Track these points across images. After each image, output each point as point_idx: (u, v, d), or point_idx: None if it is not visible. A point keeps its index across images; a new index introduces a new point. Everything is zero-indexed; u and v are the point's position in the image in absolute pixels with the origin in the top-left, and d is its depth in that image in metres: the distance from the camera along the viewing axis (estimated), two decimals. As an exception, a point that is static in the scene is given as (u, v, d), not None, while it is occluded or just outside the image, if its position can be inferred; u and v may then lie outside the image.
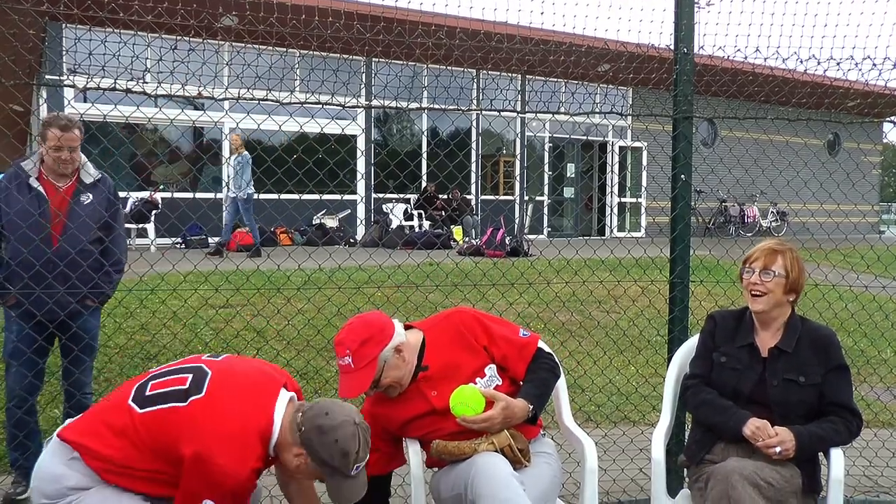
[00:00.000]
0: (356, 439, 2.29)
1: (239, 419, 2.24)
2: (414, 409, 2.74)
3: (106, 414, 2.34)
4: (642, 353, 5.84)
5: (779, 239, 3.01)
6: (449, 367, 2.73)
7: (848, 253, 5.28)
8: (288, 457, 2.31)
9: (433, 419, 2.72)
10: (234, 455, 2.19)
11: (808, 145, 12.84)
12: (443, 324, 2.84)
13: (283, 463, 2.35)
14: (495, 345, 2.79)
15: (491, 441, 2.61)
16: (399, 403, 2.77)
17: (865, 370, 6.17)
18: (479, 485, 2.43)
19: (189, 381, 2.33)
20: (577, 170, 19.17)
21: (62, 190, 3.85)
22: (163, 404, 2.27)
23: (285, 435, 2.30)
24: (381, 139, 17.10)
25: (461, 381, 2.68)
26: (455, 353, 2.76)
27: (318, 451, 2.27)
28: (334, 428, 2.27)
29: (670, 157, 3.86)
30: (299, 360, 5.66)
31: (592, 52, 4.49)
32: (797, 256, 2.89)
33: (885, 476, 4.34)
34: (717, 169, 8.86)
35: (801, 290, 2.89)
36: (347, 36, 3.81)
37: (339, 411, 2.32)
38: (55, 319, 3.75)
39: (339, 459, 2.27)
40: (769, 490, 2.58)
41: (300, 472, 2.35)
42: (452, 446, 2.63)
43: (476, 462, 2.51)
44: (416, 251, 6.19)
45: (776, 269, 2.85)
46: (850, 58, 3.97)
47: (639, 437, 4.61)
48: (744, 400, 2.85)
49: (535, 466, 2.70)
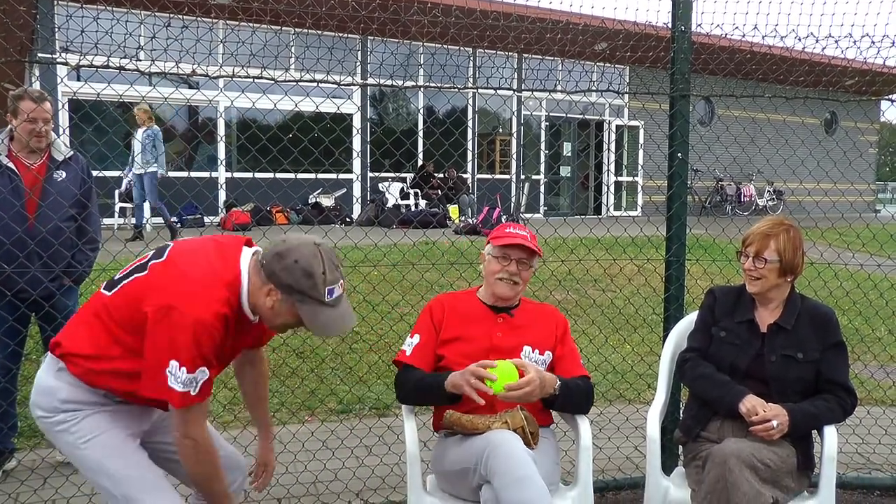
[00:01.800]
0: (318, 259, 2.19)
1: (201, 269, 2.19)
2: (476, 332, 2.89)
3: (82, 312, 2.34)
4: (638, 331, 5.86)
5: (776, 218, 2.98)
6: (524, 326, 2.93)
7: (844, 232, 5.28)
8: (262, 302, 2.23)
9: (479, 354, 2.79)
10: (197, 299, 2.11)
11: (806, 124, 12.82)
12: (539, 304, 3.14)
13: (261, 313, 2.28)
14: (563, 343, 2.98)
15: (505, 420, 2.63)
16: (471, 318, 2.93)
17: (860, 348, 6.20)
18: (496, 462, 2.45)
19: (151, 255, 2.33)
20: (573, 148, 19.12)
21: (34, 168, 3.79)
22: (127, 279, 2.27)
23: (254, 280, 2.23)
24: (377, 118, 17.03)
25: (527, 341, 2.89)
26: (535, 322, 2.97)
27: (281, 277, 2.18)
28: (291, 250, 2.19)
29: (667, 135, 3.85)
30: (295, 338, 5.67)
31: (589, 30, 4.47)
32: (793, 236, 2.87)
33: (877, 453, 4.38)
34: (714, 147, 8.83)
35: (797, 269, 2.89)
36: (342, 13, 3.77)
37: (295, 238, 2.26)
38: (28, 299, 3.73)
39: (305, 281, 2.17)
40: (766, 472, 2.60)
41: (277, 313, 2.25)
42: (466, 420, 2.65)
43: (491, 439, 2.52)
44: (412, 230, 6.18)
45: (768, 256, 2.85)
46: (848, 35, 3.94)
47: (634, 415, 4.64)
48: (741, 375, 2.87)
49: (541, 449, 2.74)
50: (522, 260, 2.89)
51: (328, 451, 4.07)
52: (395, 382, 2.92)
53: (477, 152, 17.34)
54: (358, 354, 5.74)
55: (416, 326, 2.96)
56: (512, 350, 2.85)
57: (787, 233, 2.87)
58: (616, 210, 18.42)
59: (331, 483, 3.88)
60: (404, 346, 2.93)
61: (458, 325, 2.91)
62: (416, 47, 5.25)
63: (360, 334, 6.00)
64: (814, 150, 5.13)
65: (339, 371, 5.45)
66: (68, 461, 4.00)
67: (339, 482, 3.90)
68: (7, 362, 3.82)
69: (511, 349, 2.85)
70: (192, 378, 2.11)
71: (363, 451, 4.16)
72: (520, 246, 2.87)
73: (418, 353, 2.88)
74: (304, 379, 5.31)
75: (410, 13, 3.91)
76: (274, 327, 2.36)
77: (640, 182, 19.05)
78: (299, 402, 5.01)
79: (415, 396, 2.87)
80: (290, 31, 3.98)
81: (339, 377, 5.35)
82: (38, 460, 3.99)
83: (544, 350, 2.91)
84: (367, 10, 3.76)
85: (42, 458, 4.03)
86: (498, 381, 2.60)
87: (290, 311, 2.24)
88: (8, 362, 3.83)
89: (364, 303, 5.75)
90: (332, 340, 5.96)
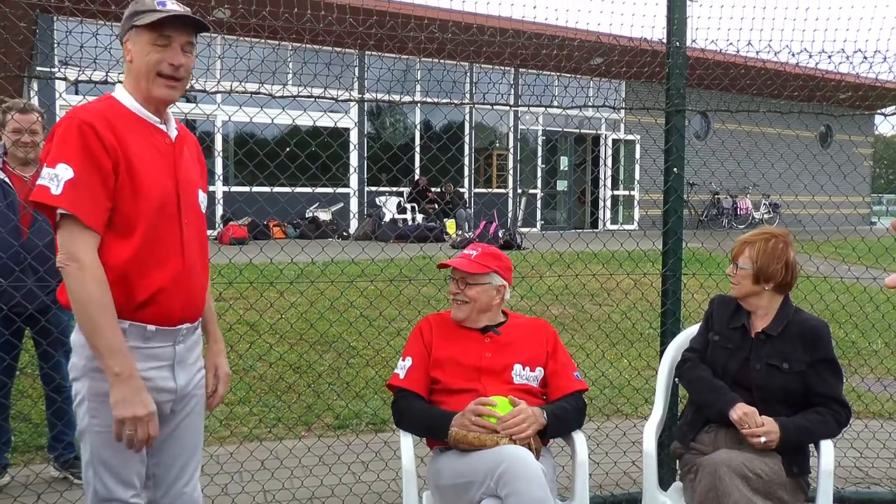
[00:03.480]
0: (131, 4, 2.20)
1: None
2: (465, 353, 2.89)
3: None
4: (635, 345, 5.86)
5: (766, 228, 3.02)
6: (514, 343, 2.94)
7: (839, 244, 5.30)
8: (130, 64, 2.19)
9: (469, 375, 2.84)
10: (77, 109, 2.10)
11: (800, 138, 12.84)
12: (528, 318, 3.15)
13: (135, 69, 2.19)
14: (555, 359, 2.98)
15: (512, 438, 2.64)
16: (458, 339, 2.93)
17: (856, 361, 6.20)
18: (513, 481, 2.45)
19: None
20: (569, 163, 19.16)
21: (29, 180, 3.78)
22: None
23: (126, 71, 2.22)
24: (374, 132, 17.06)
25: (517, 359, 2.90)
26: (524, 338, 2.98)
27: (122, 24, 2.19)
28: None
29: (663, 150, 3.87)
30: (292, 353, 5.66)
31: (585, 46, 4.49)
32: (773, 246, 2.89)
33: (876, 467, 4.37)
34: (710, 161, 8.88)
35: (774, 278, 2.90)
36: (340, 29, 3.79)
37: None
38: (24, 313, 3.72)
39: (134, 5, 2.18)
40: (757, 482, 2.60)
41: (137, 53, 2.17)
42: (473, 437, 2.65)
43: (506, 455, 2.53)
44: (408, 245, 6.19)
45: (741, 263, 2.94)
46: (841, 51, 3.98)
47: (631, 430, 4.63)
48: (729, 380, 2.91)
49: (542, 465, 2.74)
50: (463, 278, 2.93)
51: (325, 467, 4.06)
52: (393, 408, 2.93)
53: (474, 167, 17.36)
54: (355, 370, 5.73)
55: (407, 348, 2.98)
56: (502, 370, 2.87)
57: (766, 242, 2.91)
58: (613, 224, 18.45)
59: (327, 499, 3.86)
60: (397, 370, 2.94)
61: (447, 345, 2.92)
62: (413, 63, 5.28)
63: (357, 349, 5.99)
64: (809, 163, 5.15)
65: (336, 386, 5.43)
66: (63, 476, 4.02)
67: (335, 498, 3.88)
68: (1, 376, 3.81)
69: (502, 369, 2.87)
70: (51, 173, 2.02)
71: (360, 466, 4.15)
72: None
73: (412, 377, 2.89)
74: (300, 394, 5.30)
75: (407, 29, 3.93)
76: (147, 75, 2.19)
77: (636, 196, 19.10)
78: (296, 417, 5.00)
79: (418, 432, 2.89)
80: (288, 47, 4.00)
81: (336, 392, 5.33)
82: (33, 476, 3.97)
83: (535, 366, 2.92)
84: (364, 25, 3.78)
85: (36, 474, 4.02)
86: (499, 409, 2.67)
87: (139, 35, 2.17)
88: (2, 376, 3.82)
89: (361, 318, 5.74)
90: (329, 356, 5.95)
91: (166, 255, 2.18)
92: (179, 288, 2.21)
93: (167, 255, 2.19)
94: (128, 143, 2.12)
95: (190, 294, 2.26)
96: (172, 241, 2.20)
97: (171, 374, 2.24)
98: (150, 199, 2.14)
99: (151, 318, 2.16)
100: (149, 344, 2.17)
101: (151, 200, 2.15)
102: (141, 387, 2.08)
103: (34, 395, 4.71)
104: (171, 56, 2.19)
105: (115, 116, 2.14)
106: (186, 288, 2.24)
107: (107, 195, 2.08)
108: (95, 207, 2.06)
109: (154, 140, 2.22)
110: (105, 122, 2.10)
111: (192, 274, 2.25)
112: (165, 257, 2.18)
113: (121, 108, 2.19)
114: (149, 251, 2.15)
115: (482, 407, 2.67)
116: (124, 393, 2.05)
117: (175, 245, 2.21)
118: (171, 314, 2.20)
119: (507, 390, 2.80)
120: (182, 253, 2.22)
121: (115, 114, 2.15)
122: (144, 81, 2.19)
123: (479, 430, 2.64)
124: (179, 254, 2.22)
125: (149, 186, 2.15)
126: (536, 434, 2.74)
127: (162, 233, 2.18)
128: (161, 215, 2.17)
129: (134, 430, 2.07)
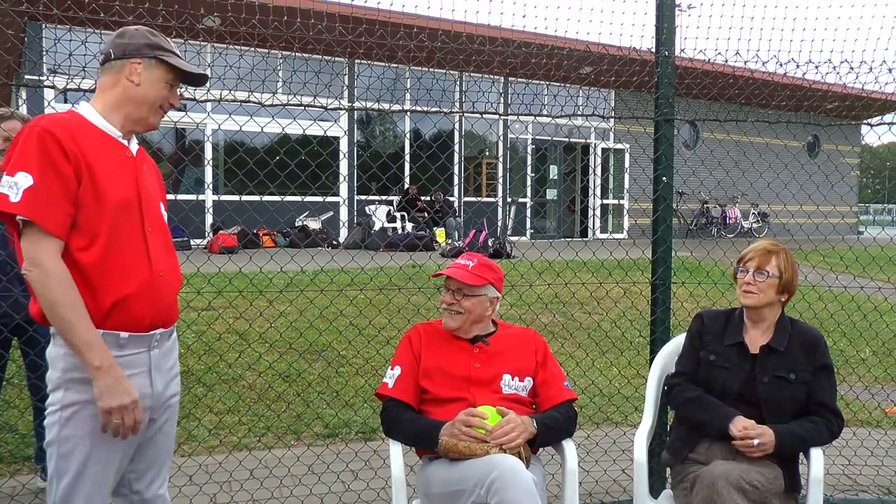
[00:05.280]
0: (144, 29, 2.32)
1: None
2: (454, 363, 2.89)
3: None
4: (624, 354, 5.87)
5: (773, 240, 3.03)
6: (502, 353, 2.93)
7: (827, 254, 5.33)
8: (124, 89, 2.25)
9: (458, 385, 2.84)
10: (38, 118, 2.12)
11: (789, 147, 12.93)
12: (518, 328, 3.13)
13: (132, 98, 2.25)
14: (545, 368, 2.97)
15: (503, 448, 2.63)
16: (447, 349, 2.92)
17: (845, 370, 6.23)
18: (503, 489, 2.45)
19: None
20: (559, 172, 19.22)
21: None
22: None
23: (104, 83, 2.27)
24: (364, 141, 17.06)
25: (506, 369, 2.89)
26: (513, 348, 2.97)
27: (135, 42, 2.25)
28: (123, 32, 2.29)
29: (652, 159, 3.88)
30: (282, 362, 5.64)
31: (574, 55, 4.51)
32: (791, 258, 2.93)
33: (864, 475, 4.39)
34: (699, 171, 8.91)
35: (793, 291, 2.93)
36: (329, 38, 3.80)
37: None
38: (11, 323, 3.69)
39: (153, 38, 2.27)
40: (754, 493, 2.60)
41: (147, 81, 2.25)
42: (463, 446, 2.63)
43: (498, 464, 2.52)
44: (398, 253, 6.18)
45: (770, 270, 2.88)
46: (828, 61, 4.02)
47: (621, 439, 4.63)
48: (732, 398, 2.87)
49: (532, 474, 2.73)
50: (460, 289, 2.91)
51: (314, 476, 4.03)
52: (383, 418, 2.91)
53: (463, 175, 17.39)
54: (344, 378, 5.71)
55: (396, 357, 2.96)
56: (491, 380, 2.86)
57: (786, 253, 2.93)
58: (602, 233, 18.49)
59: (317, 508, 3.84)
60: (385, 379, 2.92)
61: (436, 354, 2.91)
62: (403, 71, 5.29)
63: (346, 358, 5.97)
64: (797, 172, 5.19)
65: (326, 395, 5.41)
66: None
67: (325, 507, 3.86)
68: None
69: (491, 379, 2.86)
70: (10, 181, 2.03)
71: (349, 475, 4.13)
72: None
73: (401, 386, 2.88)
74: (290, 403, 5.28)
75: (397, 37, 3.94)
76: (151, 104, 2.28)
77: (625, 205, 19.17)
78: (285, 426, 4.97)
79: (408, 441, 2.87)
80: (278, 55, 4.00)
81: (326, 401, 5.31)
82: (19, 487, 3.93)
83: (524, 376, 2.92)
84: (354, 34, 3.78)
85: (23, 485, 3.98)
86: (489, 419, 2.66)
87: (157, 68, 2.26)
88: None
89: (350, 327, 5.73)
90: (318, 364, 5.93)
91: (132, 261, 2.20)
92: (147, 294, 2.22)
93: (132, 261, 2.20)
94: (89, 151, 2.14)
95: (160, 300, 2.27)
96: (137, 248, 2.22)
97: (148, 381, 2.26)
98: (112, 204, 2.16)
99: (123, 325, 2.18)
100: (124, 351, 2.19)
101: (114, 205, 2.16)
102: (122, 375, 2.11)
103: (21, 406, 4.66)
104: (174, 97, 2.35)
105: (77, 128, 2.16)
106: (155, 294, 2.25)
107: (69, 201, 2.09)
108: (56, 213, 2.07)
109: (115, 151, 2.25)
110: (66, 130, 2.11)
111: (160, 280, 2.27)
112: (131, 263, 2.19)
113: (84, 122, 2.22)
114: (114, 257, 2.16)
115: (472, 418, 2.67)
116: (107, 383, 2.08)
117: (140, 252, 2.22)
118: (142, 321, 2.22)
119: (496, 400, 2.80)
120: (148, 259, 2.24)
121: (77, 125, 2.17)
122: (146, 110, 2.28)
123: (470, 439, 2.64)
124: (145, 260, 2.23)
125: (112, 192, 2.16)
126: (526, 443, 2.74)
127: (126, 239, 2.19)
128: (124, 221, 2.19)
129: (121, 419, 2.10)
